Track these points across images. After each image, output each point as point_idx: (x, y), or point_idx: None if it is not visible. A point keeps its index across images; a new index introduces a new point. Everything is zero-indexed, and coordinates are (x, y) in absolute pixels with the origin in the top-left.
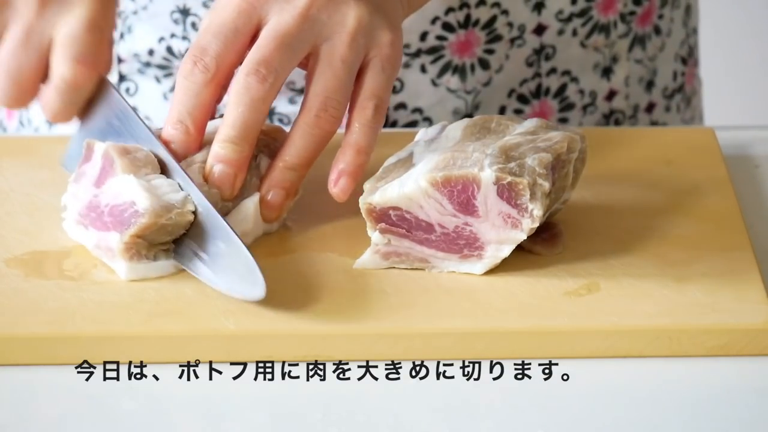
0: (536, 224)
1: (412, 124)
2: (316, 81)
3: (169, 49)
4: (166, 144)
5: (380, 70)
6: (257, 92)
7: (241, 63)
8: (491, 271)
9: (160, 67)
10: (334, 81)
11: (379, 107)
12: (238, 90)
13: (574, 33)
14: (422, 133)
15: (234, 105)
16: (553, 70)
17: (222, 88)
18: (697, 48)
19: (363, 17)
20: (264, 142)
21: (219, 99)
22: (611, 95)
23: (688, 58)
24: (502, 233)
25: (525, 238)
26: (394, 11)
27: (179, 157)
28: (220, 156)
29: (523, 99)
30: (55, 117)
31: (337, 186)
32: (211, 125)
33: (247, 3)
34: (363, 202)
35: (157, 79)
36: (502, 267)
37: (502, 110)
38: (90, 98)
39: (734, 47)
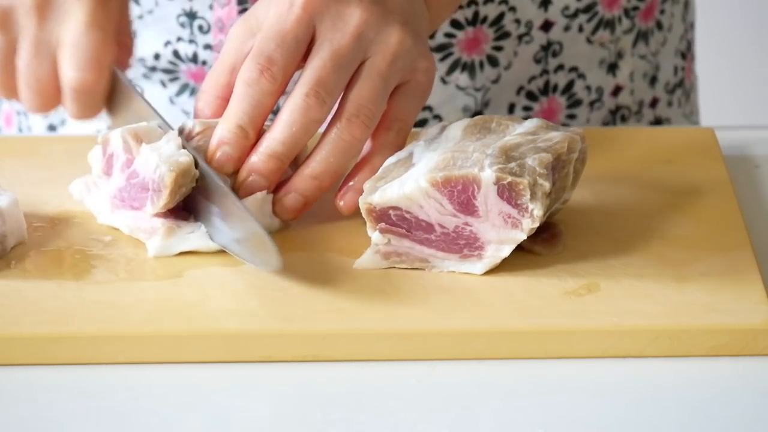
0: (536, 224)
1: (422, 122)
2: (352, 90)
3: (176, 53)
4: (219, 145)
5: (412, 96)
6: (315, 114)
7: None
8: (491, 271)
9: (166, 71)
10: (370, 91)
11: (402, 130)
12: (296, 109)
13: (580, 29)
14: (422, 133)
15: (288, 123)
16: (560, 67)
17: (280, 97)
18: (694, 43)
19: (405, 41)
20: None
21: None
22: (617, 91)
23: (687, 52)
24: (502, 233)
25: (525, 238)
26: (426, 37)
27: (233, 162)
28: (257, 168)
29: (531, 96)
30: (78, 119)
31: (343, 200)
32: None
33: (304, 11)
34: (363, 201)
35: (163, 84)
36: (502, 267)
37: (511, 107)
38: (110, 93)
39: (734, 47)
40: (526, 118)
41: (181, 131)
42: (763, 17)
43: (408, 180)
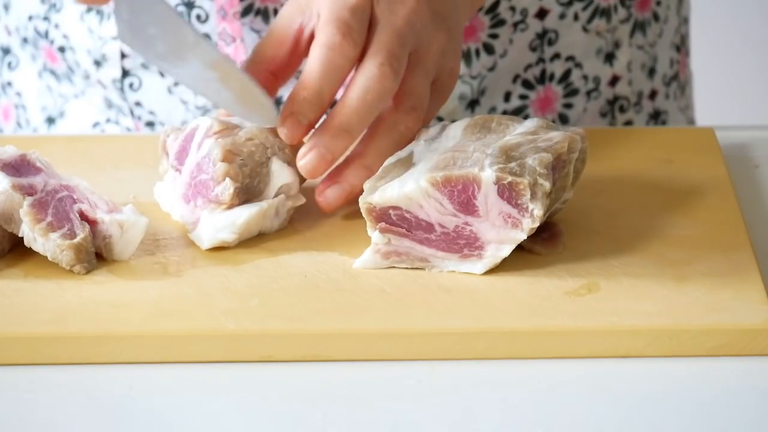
0: (536, 224)
1: None
2: (407, 83)
3: None
4: (292, 113)
5: (437, 98)
6: (391, 83)
7: None
8: (491, 271)
9: None
10: (424, 87)
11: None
12: (371, 77)
13: (576, 17)
14: (422, 133)
15: (363, 91)
16: (556, 56)
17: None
18: (688, 38)
19: (443, 41)
20: (279, 146)
21: None
22: (614, 81)
23: (681, 46)
24: (502, 233)
25: (525, 237)
26: (460, 33)
27: (305, 129)
28: (326, 143)
29: (527, 84)
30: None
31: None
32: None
33: None
34: (363, 201)
35: (161, 73)
36: (502, 267)
37: (507, 96)
38: None
39: (735, 47)
40: (522, 107)
41: (194, 129)
42: (764, 18)
43: (408, 180)
